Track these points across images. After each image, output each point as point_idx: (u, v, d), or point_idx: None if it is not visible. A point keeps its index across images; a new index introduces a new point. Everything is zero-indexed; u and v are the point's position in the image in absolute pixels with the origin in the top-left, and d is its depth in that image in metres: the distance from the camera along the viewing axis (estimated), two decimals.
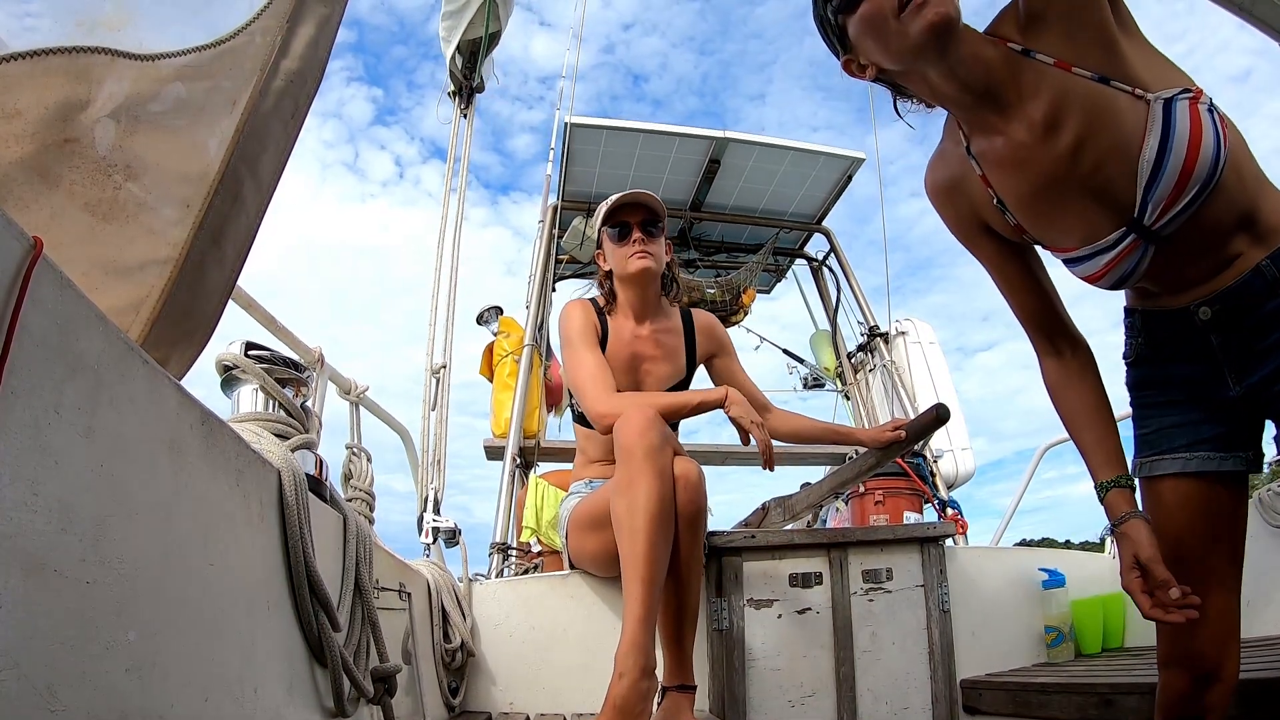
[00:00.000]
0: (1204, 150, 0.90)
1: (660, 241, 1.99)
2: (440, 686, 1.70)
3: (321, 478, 1.04)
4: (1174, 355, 1.07)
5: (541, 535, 2.96)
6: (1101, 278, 1.04)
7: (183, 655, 0.60)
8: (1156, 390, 1.10)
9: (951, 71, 1.00)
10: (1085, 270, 1.05)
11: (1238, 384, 1.01)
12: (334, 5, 0.81)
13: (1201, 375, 1.05)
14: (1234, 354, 1.00)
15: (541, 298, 3.95)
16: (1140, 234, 0.98)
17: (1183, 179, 0.91)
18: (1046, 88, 0.98)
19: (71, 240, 0.61)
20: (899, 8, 0.94)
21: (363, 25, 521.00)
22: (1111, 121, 0.95)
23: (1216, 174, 0.91)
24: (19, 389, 0.43)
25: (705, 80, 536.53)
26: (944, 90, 1.03)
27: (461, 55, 3.31)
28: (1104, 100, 0.95)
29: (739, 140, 3.99)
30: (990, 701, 1.97)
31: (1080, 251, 1.04)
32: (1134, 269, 1.01)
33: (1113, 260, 1.01)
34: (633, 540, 1.44)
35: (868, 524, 3.36)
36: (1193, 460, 1.04)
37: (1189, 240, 0.97)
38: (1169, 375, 1.09)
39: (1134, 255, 1.00)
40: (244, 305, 1.47)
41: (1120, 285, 1.06)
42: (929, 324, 4.34)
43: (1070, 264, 1.07)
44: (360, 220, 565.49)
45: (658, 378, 2.01)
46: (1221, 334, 1.00)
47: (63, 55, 0.63)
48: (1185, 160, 0.91)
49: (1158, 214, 0.95)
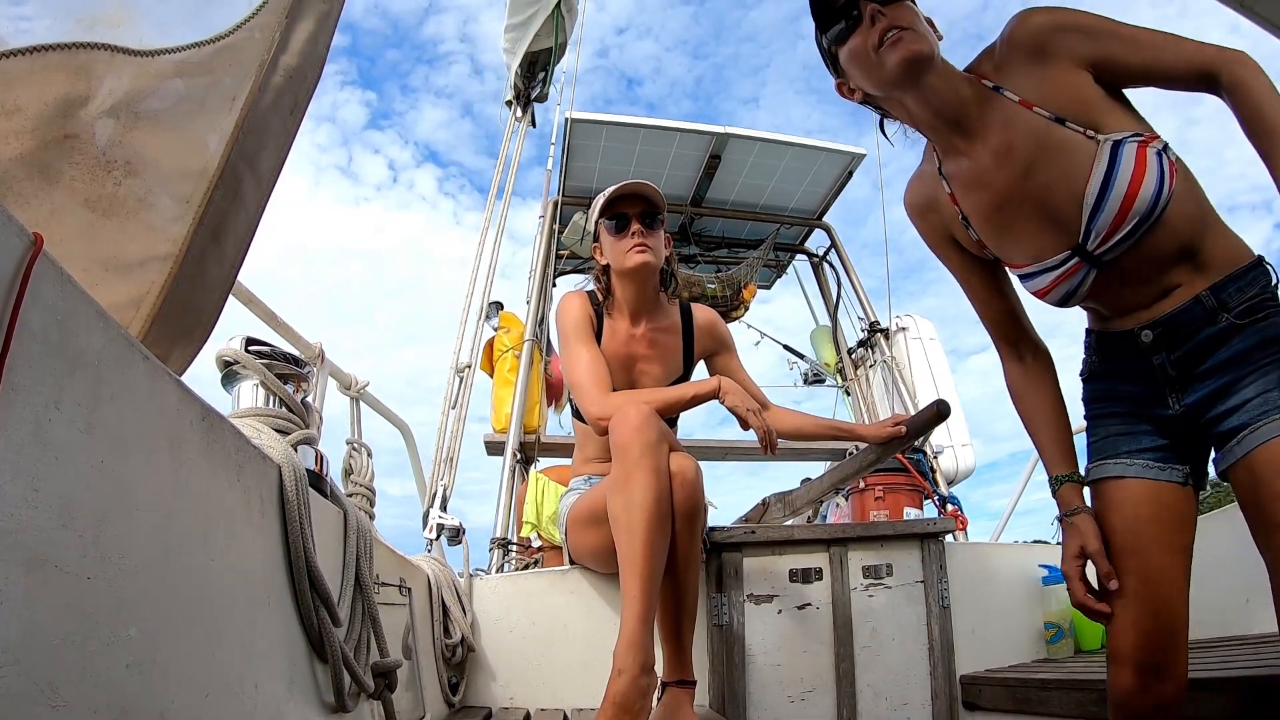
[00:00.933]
0: (1145, 188, 1.00)
1: (660, 235, 1.93)
2: (440, 682, 1.70)
3: (322, 473, 1.04)
4: (1122, 373, 1.16)
5: (542, 530, 2.96)
6: (1048, 293, 1.14)
7: (183, 651, 0.60)
8: (1104, 404, 1.19)
9: (925, 100, 1.13)
10: (1034, 285, 1.16)
11: (1177, 403, 1.09)
12: (333, 1, 0.81)
13: (1145, 394, 1.13)
14: (1174, 375, 1.09)
15: (542, 293, 3.95)
16: (1083, 258, 1.09)
17: (1123, 212, 1.02)
18: (1006, 120, 1.11)
19: (72, 236, 0.61)
20: (879, 44, 1.08)
21: (356, 29, 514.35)
22: (1059, 154, 1.06)
23: (1156, 210, 1.01)
24: (19, 385, 0.43)
25: (699, 84, 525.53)
26: (919, 115, 1.16)
27: (521, 66, 3.37)
28: (1056, 136, 1.07)
29: (740, 136, 3.98)
30: (990, 697, 1.98)
31: (1031, 268, 1.15)
32: (1076, 288, 1.11)
33: (1058, 279, 1.12)
34: (630, 537, 1.44)
35: (868, 520, 3.36)
36: (1132, 466, 1.12)
37: (1132, 267, 1.07)
38: (1116, 391, 1.17)
39: (1077, 276, 1.10)
40: (244, 301, 1.47)
41: (1066, 302, 1.15)
42: (929, 320, 4.34)
43: (1023, 279, 1.18)
44: (354, 223, 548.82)
45: (654, 378, 1.98)
46: (1163, 355, 1.09)
47: (62, 51, 0.63)
48: (1125, 195, 1.01)
49: (1099, 241, 1.06)
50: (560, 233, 4.23)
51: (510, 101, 3.43)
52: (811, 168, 4.22)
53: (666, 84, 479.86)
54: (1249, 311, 1.02)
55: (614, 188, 1.91)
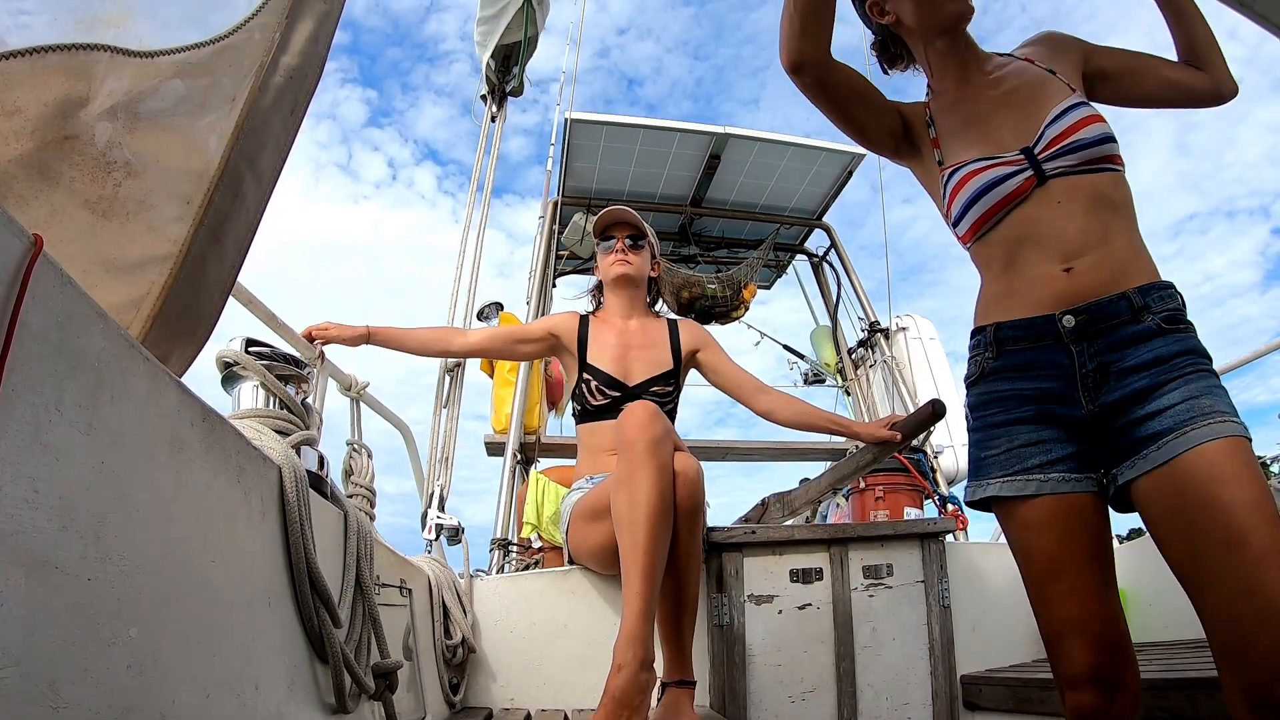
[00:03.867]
0: (1098, 125, 1.10)
1: (644, 254, 2.24)
2: (441, 682, 1.70)
3: (322, 474, 1.04)
4: (1025, 368, 1.10)
5: (542, 531, 2.96)
6: (978, 175, 1.14)
7: (184, 652, 0.60)
8: (1001, 408, 1.12)
9: (955, 46, 1.25)
10: (967, 170, 1.16)
11: (1090, 403, 1.05)
12: (333, 1, 0.81)
13: (1052, 392, 1.07)
14: (1091, 369, 1.05)
15: (542, 294, 3.95)
16: (1029, 159, 1.11)
17: (1076, 127, 1.10)
18: (1005, 63, 1.26)
19: (72, 237, 0.61)
20: None
21: (357, 27, 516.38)
22: (1040, 85, 1.18)
23: (1103, 146, 1.09)
24: (19, 386, 0.43)
25: (699, 84, 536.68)
26: (944, 55, 1.26)
27: (495, 60, 3.35)
28: (1042, 76, 1.20)
29: (739, 136, 3.98)
30: (990, 697, 1.98)
31: (973, 159, 1.17)
32: (1006, 178, 1.12)
33: (995, 164, 1.13)
34: (632, 533, 1.45)
35: (868, 519, 3.36)
36: (1047, 482, 1.05)
37: (1063, 200, 1.09)
38: (1017, 391, 1.10)
39: (1014, 169, 1.11)
40: (244, 302, 1.47)
41: (979, 198, 1.14)
42: (929, 320, 4.33)
43: (954, 173, 1.18)
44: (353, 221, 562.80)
45: (645, 363, 2.12)
46: (1081, 344, 1.05)
47: (62, 52, 0.62)
48: (1082, 119, 1.10)
49: (1048, 144, 1.10)
50: (560, 233, 4.23)
51: (485, 96, 3.41)
52: (811, 168, 4.21)
53: (667, 84, 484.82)
54: (1171, 319, 1.03)
55: (603, 213, 2.25)
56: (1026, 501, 1.07)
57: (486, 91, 3.41)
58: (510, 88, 3.41)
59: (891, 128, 1.29)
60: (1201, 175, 43.66)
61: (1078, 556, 1.04)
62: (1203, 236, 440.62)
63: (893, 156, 1.34)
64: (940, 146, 1.24)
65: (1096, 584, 1.03)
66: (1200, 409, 0.96)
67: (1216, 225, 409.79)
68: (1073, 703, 1.03)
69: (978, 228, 1.15)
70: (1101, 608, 1.03)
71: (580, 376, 2.10)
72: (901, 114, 1.31)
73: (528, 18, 3.25)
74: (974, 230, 1.16)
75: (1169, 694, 1.42)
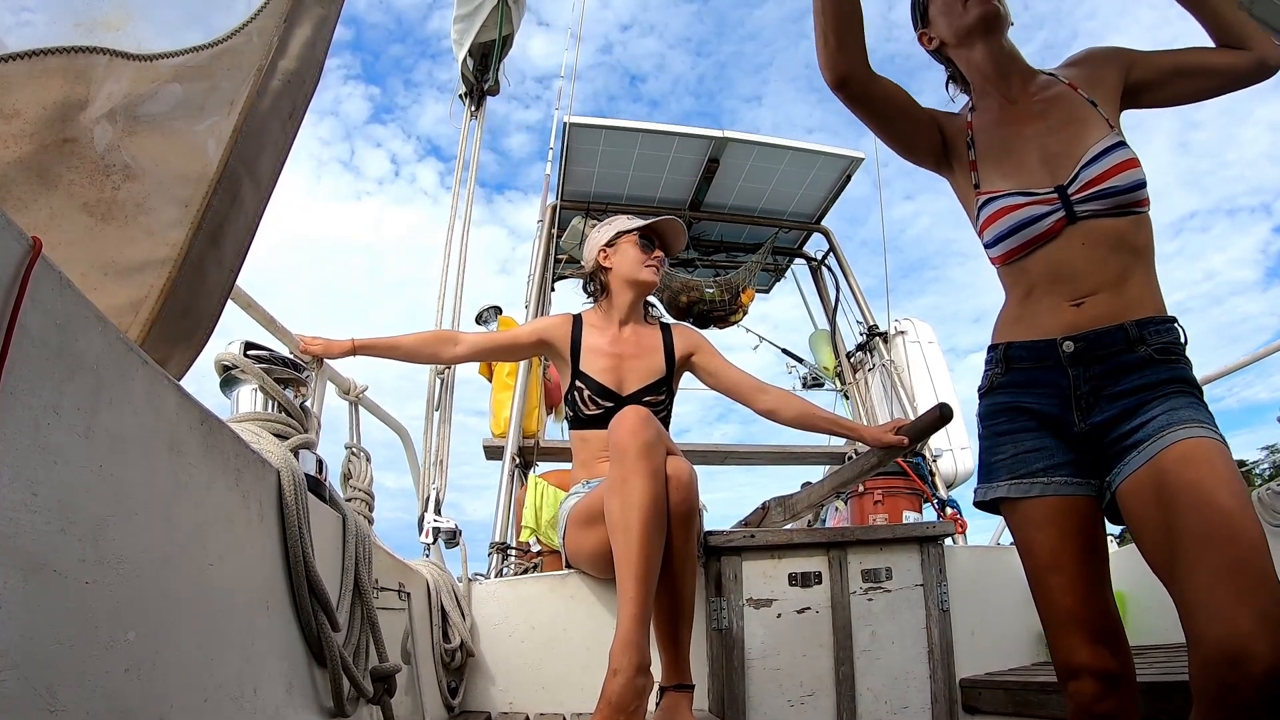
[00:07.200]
0: (1135, 171, 1.13)
1: (664, 266, 2.26)
2: (440, 686, 1.70)
3: (321, 478, 1.04)
4: (1028, 386, 1.19)
5: (541, 535, 2.95)
6: (1011, 212, 1.19)
7: (182, 655, 0.60)
8: (1008, 418, 1.21)
9: (991, 53, 1.28)
10: (999, 205, 1.20)
11: (1082, 421, 1.13)
12: (331, 5, 0.81)
13: (1051, 409, 1.16)
14: (1085, 391, 1.13)
15: (540, 297, 3.95)
16: (1061, 198, 1.15)
17: (1113, 172, 1.13)
18: (1048, 85, 1.28)
19: (70, 240, 0.61)
20: (964, 1, 1.27)
21: (360, 23, 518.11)
22: (1081, 120, 1.21)
23: (1135, 193, 1.13)
24: (18, 389, 0.43)
25: (701, 81, 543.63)
26: (982, 66, 1.30)
27: (473, 58, 3.34)
28: (1084, 109, 1.22)
29: (738, 140, 3.99)
30: (989, 701, 1.98)
31: (1008, 190, 1.21)
32: (1038, 219, 1.16)
33: (1029, 202, 1.18)
34: (626, 538, 1.45)
35: (867, 523, 3.36)
36: (1050, 485, 1.14)
37: (1087, 242, 1.14)
38: (1021, 404, 1.19)
39: (1045, 209, 1.16)
40: (243, 305, 1.47)
41: (1012, 234, 1.19)
42: (928, 324, 4.34)
43: (989, 202, 1.23)
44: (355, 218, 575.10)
45: (639, 372, 2.10)
46: (1078, 368, 1.13)
47: (61, 55, 0.63)
48: (1119, 163, 1.14)
49: (1081, 186, 1.14)
50: (559, 236, 4.23)
51: (463, 96, 3.40)
52: (810, 171, 4.22)
53: (669, 81, 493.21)
54: (1164, 351, 1.10)
55: (663, 219, 2.22)
56: (1031, 501, 1.15)
57: (464, 91, 3.39)
58: (487, 86, 3.38)
59: (932, 142, 1.34)
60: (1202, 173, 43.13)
61: (1076, 552, 1.11)
62: (1204, 234, 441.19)
63: (934, 169, 1.38)
64: (978, 169, 1.28)
65: (1093, 579, 1.10)
66: (1179, 419, 1.03)
67: (1217, 223, 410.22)
68: (1073, 690, 1.10)
69: (1007, 258, 1.23)
70: (1098, 601, 1.10)
71: (573, 384, 2.10)
72: (941, 129, 1.34)
73: (503, 16, 3.22)
74: (1003, 259, 1.24)
75: (1169, 695, 1.42)
